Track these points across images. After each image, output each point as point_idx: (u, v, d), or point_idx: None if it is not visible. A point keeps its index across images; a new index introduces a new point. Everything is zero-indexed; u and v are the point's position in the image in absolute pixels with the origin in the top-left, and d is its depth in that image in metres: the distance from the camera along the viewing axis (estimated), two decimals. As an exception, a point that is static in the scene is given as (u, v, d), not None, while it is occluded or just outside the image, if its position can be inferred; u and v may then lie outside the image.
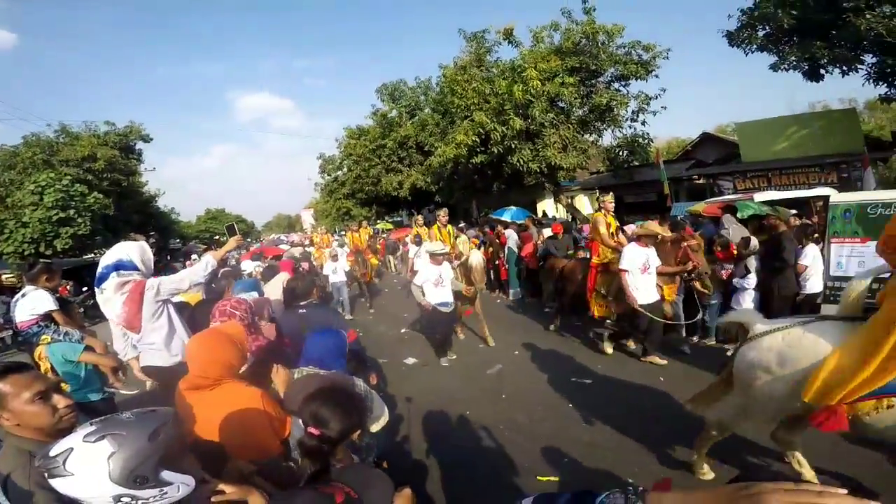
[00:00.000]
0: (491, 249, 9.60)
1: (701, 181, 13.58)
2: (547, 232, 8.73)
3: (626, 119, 12.28)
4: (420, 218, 9.05)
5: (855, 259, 4.53)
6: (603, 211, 5.42)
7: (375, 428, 2.02)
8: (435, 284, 5.45)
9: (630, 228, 6.23)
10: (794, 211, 5.64)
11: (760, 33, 8.96)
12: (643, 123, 12.29)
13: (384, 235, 17.94)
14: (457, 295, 5.72)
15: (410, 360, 5.91)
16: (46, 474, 1.00)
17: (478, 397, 4.50)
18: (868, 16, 6.87)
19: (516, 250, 8.91)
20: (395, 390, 4.77)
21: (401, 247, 13.81)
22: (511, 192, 14.64)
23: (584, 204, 17.92)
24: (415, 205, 25.72)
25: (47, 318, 3.39)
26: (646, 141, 12.72)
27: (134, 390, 3.51)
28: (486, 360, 5.56)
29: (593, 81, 12.18)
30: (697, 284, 4.99)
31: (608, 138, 13.41)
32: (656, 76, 11.64)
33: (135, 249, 3.04)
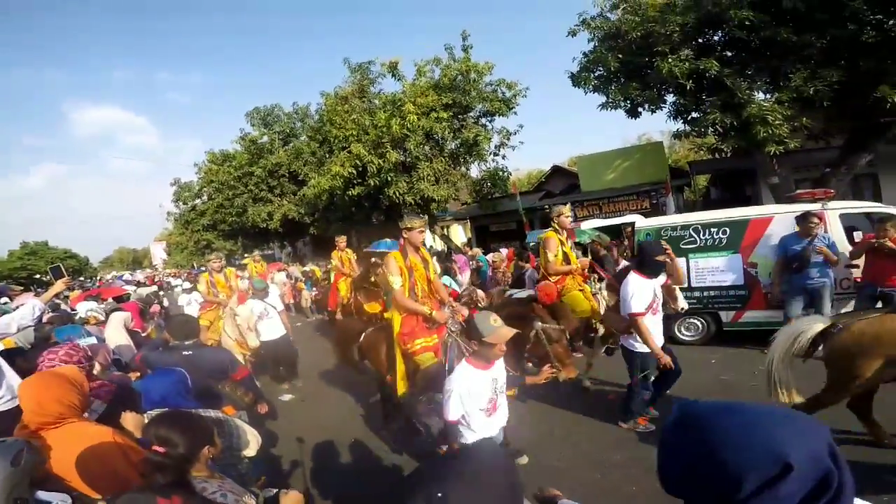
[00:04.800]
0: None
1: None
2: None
3: (490, 153, 13.45)
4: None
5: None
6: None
7: (250, 453, 2.15)
8: None
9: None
10: (607, 238, 6.92)
11: (595, 75, 9.84)
12: (503, 157, 13.67)
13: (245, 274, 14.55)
14: None
15: (287, 397, 5.68)
16: None
17: (361, 425, 4.56)
18: (669, 60, 7.94)
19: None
20: (277, 428, 4.56)
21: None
22: (390, 224, 14.90)
23: (457, 233, 19.14)
24: (287, 237, 24.34)
25: None
26: (505, 174, 14.17)
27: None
28: (369, 390, 5.59)
29: (464, 117, 13.04)
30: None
31: (475, 171, 14.61)
32: (515, 113, 12.94)
33: None
